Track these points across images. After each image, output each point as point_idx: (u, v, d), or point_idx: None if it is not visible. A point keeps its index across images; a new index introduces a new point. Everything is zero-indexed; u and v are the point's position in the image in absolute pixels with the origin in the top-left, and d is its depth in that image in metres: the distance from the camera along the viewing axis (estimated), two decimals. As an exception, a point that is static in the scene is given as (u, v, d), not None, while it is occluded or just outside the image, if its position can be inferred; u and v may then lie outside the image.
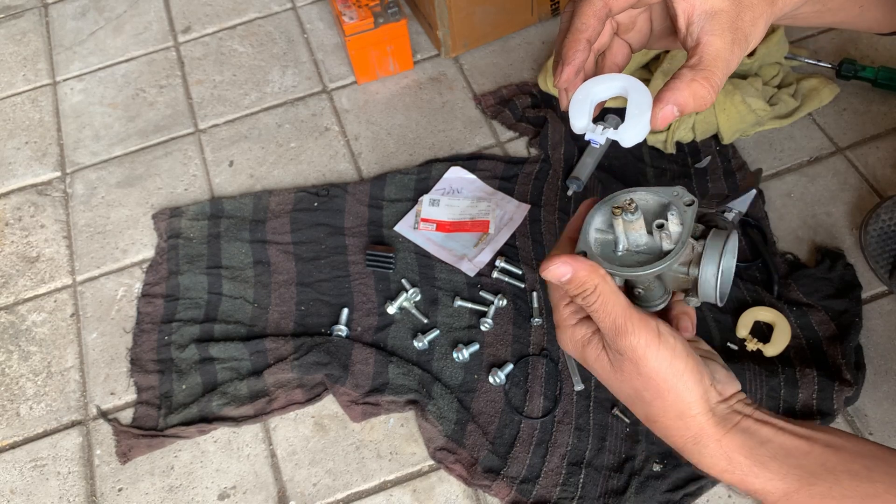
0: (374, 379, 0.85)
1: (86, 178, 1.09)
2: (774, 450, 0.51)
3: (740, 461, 0.51)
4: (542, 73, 1.08)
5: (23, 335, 0.96)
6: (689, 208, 0.52)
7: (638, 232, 0.53)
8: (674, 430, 0.53)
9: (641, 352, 0.51)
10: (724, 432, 0.52)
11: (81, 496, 0.84)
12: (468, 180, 1.01)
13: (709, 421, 0.52)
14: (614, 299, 0.51)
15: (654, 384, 0.52)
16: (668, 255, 0.51)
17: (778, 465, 0.50)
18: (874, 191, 0.96)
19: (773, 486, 0.50)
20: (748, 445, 0.51)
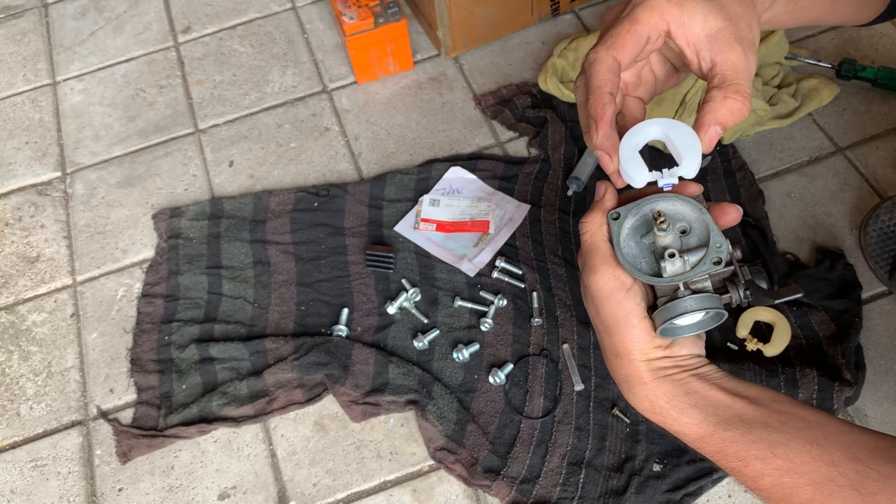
0: (374, 379, 0.85)
1: (86, 178, 1.09)
2: (696, 400, 0.57)
3: (661, 405, 0.58)
4: (542, 73, 1.08)
5: (23, 335, 0.96)
6: (712, 266, 0.55)
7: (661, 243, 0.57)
8: (615, 366, 0.60)
9: (606, 294, 0.57)
10: (652, 378, 0.58)
11: (81, 496, 0.84)
12: (468, 180, 1.01)
13: (641, 367, 0.58)
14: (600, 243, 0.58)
15: (611, 322, 0.58)
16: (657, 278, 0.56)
17: (696, 413, 0.56)
18: (874, 191, 0.96)
19: (689, 429, 0.56)
20: (672, 393, 0.57)
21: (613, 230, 0.58)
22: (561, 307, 0.89)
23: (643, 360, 0.58)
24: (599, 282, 0.57)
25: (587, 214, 0.60)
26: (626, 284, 0.57)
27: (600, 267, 0.57)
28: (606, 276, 0.57)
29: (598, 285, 0.57)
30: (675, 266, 0.55)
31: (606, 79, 0.56)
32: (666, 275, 0.55)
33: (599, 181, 0.61)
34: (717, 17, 0.55)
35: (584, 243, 0.59)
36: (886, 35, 1.11)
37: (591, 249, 0.58)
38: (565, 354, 0.86)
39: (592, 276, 0.57)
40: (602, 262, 0.57)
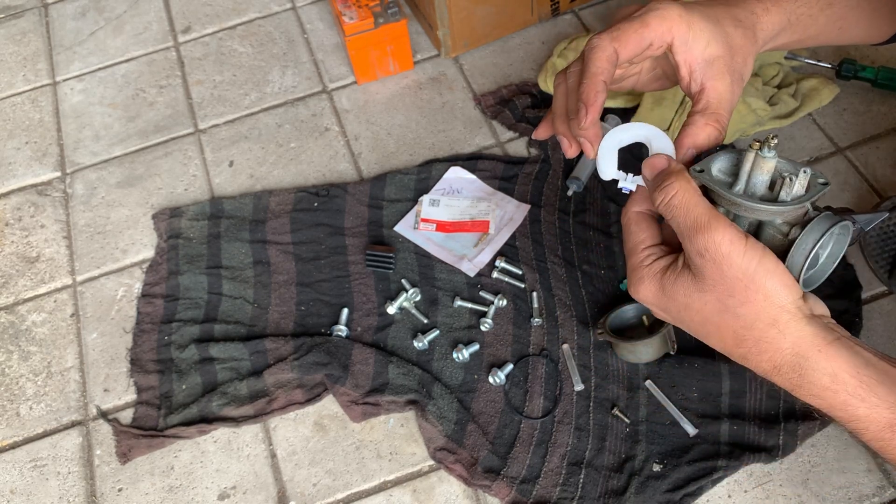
0: (374, 379, 0.85)
1: (86, 178, 1.09)
2: (881, 374, 0.47)
3: (846, 380, 0.47)
4: (542, 73, 1.08)
5: (23, 335, 0.96)
6: (821, 186, 0.53)
7: (763, 176, 0.52)
8: (768, 343, 0.49)
9: (726, 249, 0.49)
10: (826, 343, 0.48)
11: (81, 496, 0.84)
12: (468, 180, 1.01)
13: (806, 328, 0.49)
14: (699, 198, 0.51)
15: (742, 286, 0.49)
16: (783, 204, 0.50)
17: (886, 392, 0.47)
18: (874, 191, 0.96)
19: (878, 413, 0.46)
20: (854, 363, 0.47)
21: (707, 180, 0.53)
22: (561, 307, 0.89)
23: (803, 316, 0.49)
24: (717, 238, 0.49)
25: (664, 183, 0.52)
26: (744, 233, 0.49)
27: (710, 223, 0.49)
28: (723, 230, 0.49)
29: (717, 241, 0.49)
30: (798, 185, 0.51)
31: (603, 67, 0.56)
32: (791, 197, 0.51)
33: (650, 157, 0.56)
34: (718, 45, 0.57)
35: (677, 206, 0.51)
36: (886, 35, 1.11)
37: (690, 207, 0.50)
38: (565, 354, 0.86)
39: (707, 236, 0.49)
40: (712, 216, 0.50)
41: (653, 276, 0.55)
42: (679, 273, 0.53)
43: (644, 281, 0.55)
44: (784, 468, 0.78)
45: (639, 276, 0.56)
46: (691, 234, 0.50)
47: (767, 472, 0.78)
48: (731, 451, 0.78)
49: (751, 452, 0.78)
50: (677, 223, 0.51)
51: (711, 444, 0.79)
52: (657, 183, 0.53)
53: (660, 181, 0.53)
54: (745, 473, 0.78)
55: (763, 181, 0.52)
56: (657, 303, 0.55)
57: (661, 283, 0.54)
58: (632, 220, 0.58)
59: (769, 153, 0.51)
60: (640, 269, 0.56)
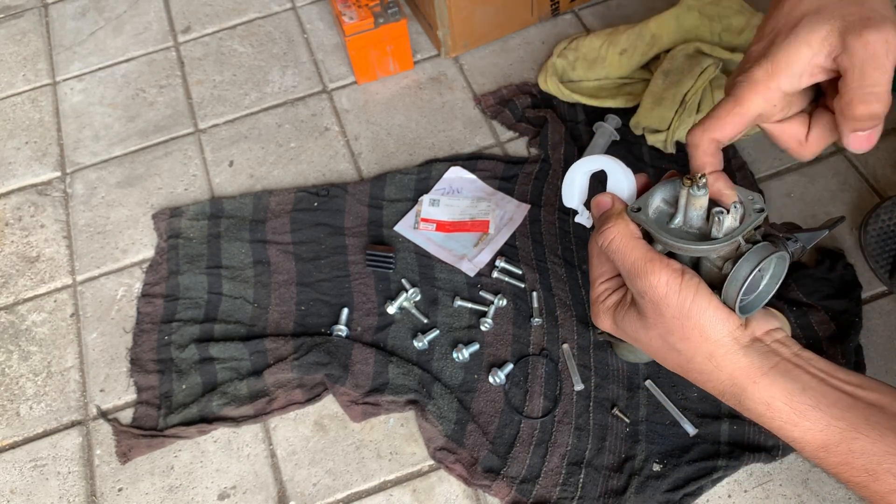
0: (374, 379, 0.85)
1: (86, 178, 1.09)
2: (816, 398, 0.48)
3: (780, 407, 0.49)
4: (542, 73, 1.08)
5: (23, 335, 0.96)
6: (757, 215, 0.53)
7: (698, 211, 0.53)
8: (707, 375, 0.52)
9: (662, 291, 0.51)
10: (761, 374, 0.50)
11: (81, 496, 0.84)
12: (468, 180, 1.01)
13: (742, 360, 0.50)
14: (634, 242, 0.53)
15: (679, 324, 0.51)
16: (713, 241, 0.52)
17: (819, 416, 0.48)
18: (874, 191, 0.96)
19: (812, 436, 0.48)
20: (788, 391, 0.49)
21: (643, 220, 0.54)
22: (561, 307, 0.89)
23: (738, 348, 0.50)
24: (653, 281, 0.51)
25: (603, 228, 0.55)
26: (679, 271, 0.51)
27: (645, 267, 0.51)
28: (658, 272, 0.51)
29: (653, 285, 0.51)
30: (729, 221, 0.51)
31: (705, 162, 0.54)
32: (722, 234, 0.51)
33: (598, 195, 0.59)
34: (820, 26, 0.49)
35: (615, 251, 0.53)
36: (886, 35, 1.11)
37: (626, 252, 0.53)
38: (565, 354, 0.86)
39: (644, 280, 0.51)
40: (647, 259, 0.52)
41: (606, 310, 0.59)
42: (627, 310, 0.56)
43: (600, 315, 0.59)
44: (784, 468, 0.78)
45: (595, 309, 0.60)
46: (630, 277, 0.53)
47: (767, 472, 0.78)
48: (731, 451, 0.78)
49: (751, 452, 0.77)
50: (619, 266, 0.54)
51: (711, 443, 0.79)
52: (598, 225, 0.56)
53: (601, 223, 0.56)
54: (745, 473, 0.78)
55: (699, 215, 0.53)
56: (615, 333, 0.59)
57: (614, 317, 0.58)
58: (593, 254, 0.61)
59: (699, 192, 0.52)
60: (596, 304, 0.60)
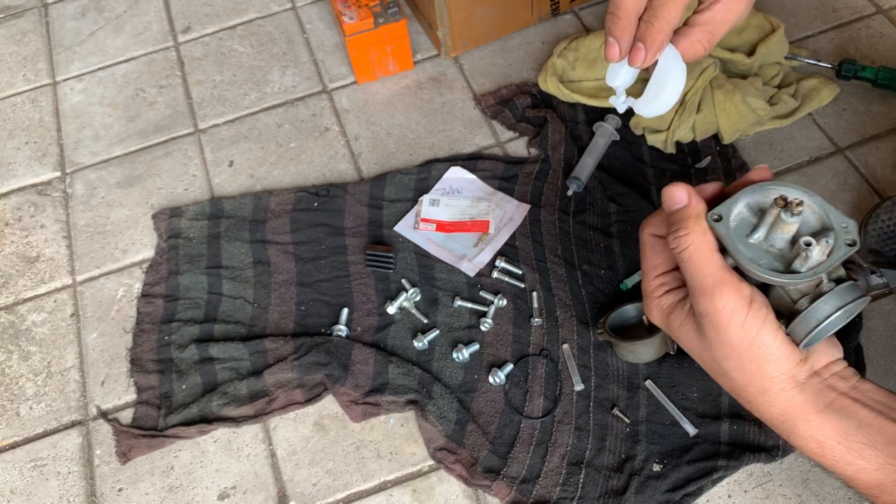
0: (374, 379, 0.85)
1: (86, 178, 1.09)
2: (872, 437, 0.47)
3: (832, 446, 0.47)
4: (542, 73, 1.08)
5: (23, 335, 0.96)
6: (847, 249, 0.49)
7: (784, 235, 0.49)
8: (757, 407, 0.50)
9: (726, 319, 0.48)
10: (815, 411, 0.48)
11: (81, 496, 0.84)
12: (468, 180, 1.01)
13: (796, 398, 0.48)
14: (710, 256, 0.49)
15: (736, 354, 0.49)
16: (795, 275, 0.48)
17: (875, 455, 0.47)
18: (874, 191, 0.96)
19: (866, 476, 0.47)
20: (842, 429, 0.47)
21: (722, 234, 0.50)
22: (561, 307, 0.89)
23: (794, 386, 0.49)
24: (719, 305, 0.48)
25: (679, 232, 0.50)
26: (748, 298, 0.48)
27: (715, 288, 0.48)
28: (726, 296, 0.48)
29: (718, 310, 0.48)
30: (816, 255, 0.47)
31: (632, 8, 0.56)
32: (806, 268, 0.47)
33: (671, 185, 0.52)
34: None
35: (687, 260, 0.50)
36: (886, 35, 1.11)
37: (699, 266, 0.49)
38: (565, 354, 0.86)
39: (710, 302, 0.48)
40: (718, 280, 0.48)
41: (661, 309, 0.56)
42: (685, 319, 0.53)
43: (653, 311, 0.57)
44: (784, 468, 0.78)
45: (649, 304, 0.57)
46: (696, 292, 0.50)
47: (767, 472, 0.78)
48: (731, 451, 0.78)
49: (751, 452, 0.77)
50: (687, 277, 0.50)
51: (711, 444, 0.79)
52: (672, 224, 0.51)
53: (675, 224, 0.51)
54: (745, 473, 0.78)
55: (784, 238, 0.50)
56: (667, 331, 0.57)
57: (668, 320, 0.55)
58: (646, 244, 0.57)
59: (791, 218, 0.48)
60: (650, 298, 0.56)
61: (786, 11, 1.15)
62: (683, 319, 0.53)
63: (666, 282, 0.56)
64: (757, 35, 1.03)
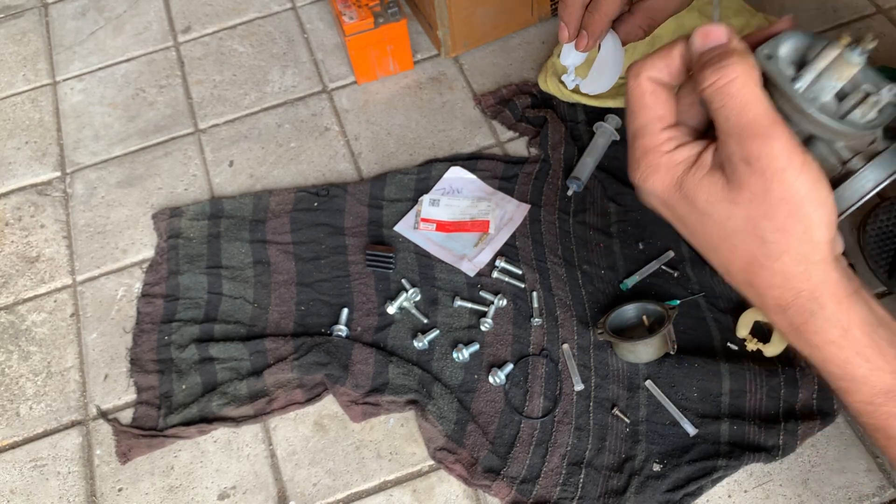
0: (374, 379, 0.85)
1: (86, 178, 1.09)
2: (890, 337, 0.43)
3: (857, 336, 0.43)
4: (542, 73, 1.08)
5: (23, 335, 0.96)
6: (894, 109, 0.44)
7: (836, 82, 0.44)
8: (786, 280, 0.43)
9: (782, 164, 0.41)
10: (845, 294, 0.43)
11: (81, 496, 0.84)
12: (468, 180, 1.01)
13: (832, 274, 0.43)
14: (759, 94, 0.42)
15: (786, 210, 0.41)
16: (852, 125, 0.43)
17: (894, 355, 0.43)
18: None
19: (878, 377, 0.43)
20: (869, 322, 0.43)
21: (775, 72, 0.43)
22: (561, 307, 0.89)
23: (831, 259, 0.43)
24: (776, 148, 0.41)
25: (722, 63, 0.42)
26: (802, 147, 0.42)
27: (771, 129, 0.41)
28: (783, 139, 0.41)
29: (774, 153, 0.41)
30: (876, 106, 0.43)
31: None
32: (865, 120, 0.43)
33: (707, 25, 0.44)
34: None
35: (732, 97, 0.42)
36: (886, 35, 1.11)
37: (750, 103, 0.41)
38: (565, 354, 0.86)
39: (763, 144, 0.41)
40: (773, 120, 0.41)
41: (672, 166, 0.45)
42: (708, 173, 0.44)
43: (660, 170, 0.45)
44: (784, 468, 0.78)
45: (653, 162, 0.46)
46: (744, 135, 0.41)
47: (767, 472, 0.78)
48: (731, 450, 0.78)
49: (751, 452, 0.77)
50: (727, 116, 0.42)
51: (711, 443, 0.79)
52: (712, 59, 0.43)
53: (716, 58, 0.42)
54: (745, 473, 0.78)
55: (833, 87, 0.44)
56: (667, 199, 0.46)
57: (682, 179, 0.45)
58: (646, 90, 0.46)
59: (858, 57, 0.43)
60: (655, 154, 0.46)
61: (786, 11, 1.15)
62: (706, 175, 0.44)
63: (675, 135, 0.46)
64: (757, 35, 1.03)
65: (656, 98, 0.47)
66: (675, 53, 0.46)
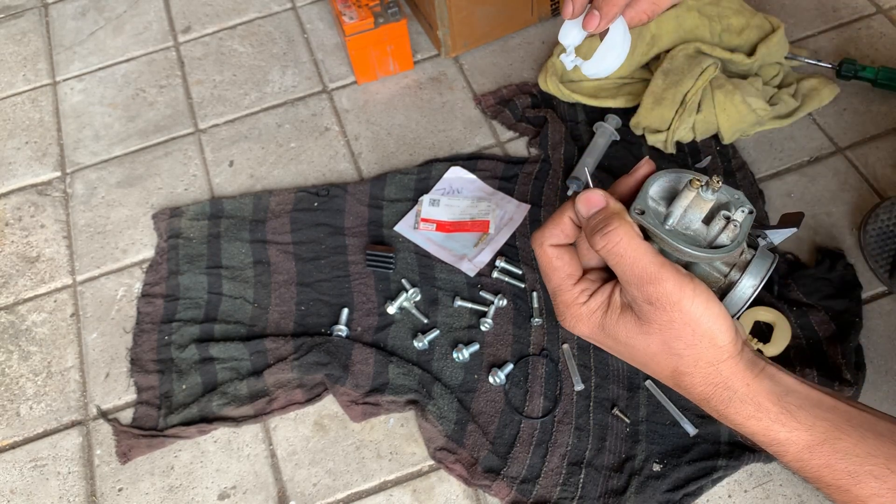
0: (374, 379, 0.85)
1: (86, 178, 1.09)
2: (801, 399, 0.50)
3: (768, 407, 0.50)
4: (542, 73, 1.08)
5: (23, 335, 0.96)
6: (748, 216, 0.52)
7: (698, 213, 0.52)
8: (702, 379, 0.51)
9: (676, 297, 0.49)
10: (752, 376, 0.51)
11: (81, 496, 0.84)
12: (468, 180, 1.01)
13: (738, 365, 0.51)
14: (643, 247, 0.50)
15: (689, 331, 0.50)
16: (722, 248, 0.50)
17: (805, 415, 0.49)
18: (874, 191, 0.96)
19: (797, 436, 0.49)
20: (776, 392, 0.50)
21: (650, 225, 0.51)
22: (561, 307, 0.89)
23: (736, 353, 0.51)
24: (668, 287, 0.49)
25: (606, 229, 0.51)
26: (689, 277, 0.50)
27: (660, 273, 0.49)
28: (671, 278, 0.49)
29: (668, 291, 0.49)
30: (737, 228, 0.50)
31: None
32: (729, 240, 0.50)
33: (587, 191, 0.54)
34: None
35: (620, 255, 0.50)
36: (886, 35, 1.11)
37: (636, 257, 0.50)
38: (565, 354, 0.86)
39: (656, 287, 0.49)
40: (659, 265, 0.49)
41: (590, 314, 0.55)
42: (620, 314, 0.53)
43: (582, 319, 0.55)
44: (784, 468, 0.78)
45: (575, 314, 0.55)
46: (640, 283, 0.50)
47: (767, 472, 0.78)
48: (731, 450, 0.78)
49: (751, 452, 0.78)
50: (622, 270, 0.51)
51: (711, 443, 0.79)
52: (597, 225, 0.52)
53: (600, 224, 0.52)
54: (745, 473, 0.78)
55: (698, 217, 0.52)
56: (595, 338, 0.56)
57: (602, 322, 0.54)
58: (552, 256, 0.56)
59: (711, 196, 0.51)
60: (574, 307, 0.55)
61: (786, 11, 1.15)
62: (619, 315, 0.53)
63: (586, 287, 0.55)
64: (757, 35, 1.03)
65: (562, 261, 0.56)
66: (566, 220, 0.55)
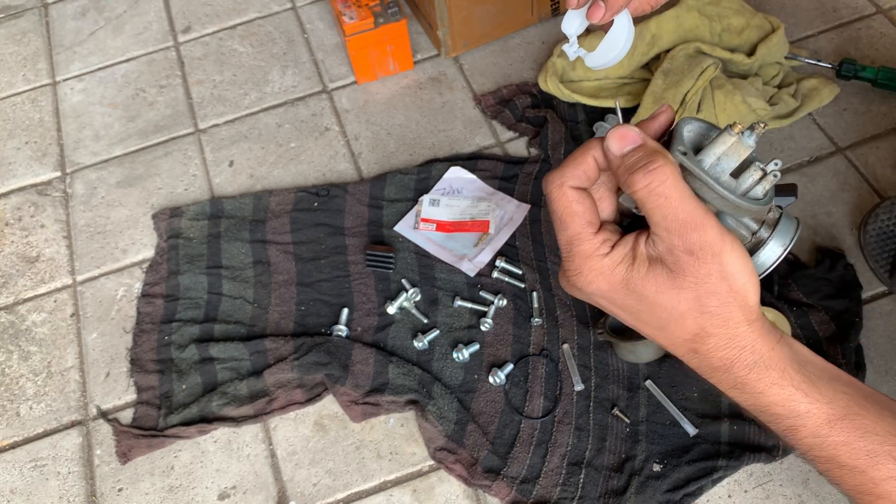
0: (374, 379, 0.85)
1: (86, 178, 1.09)
2: (819, 370, 0.47)
3: (792, 374, 0.47)
4: (542, 73, 1.08)
5: (23, 335, 0.96)
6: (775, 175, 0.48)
7: (733, 162, 0.48)
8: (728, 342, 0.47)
9: (718, 248, 0.45)
10: (775, 342, 0.48)
11: (81, 496, 0.84)
12: (468, 180, 1.01)
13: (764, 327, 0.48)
14: (688, 190, 0.46)
15: (725, 287, 0.46)
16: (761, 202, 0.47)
17: (825, 387, 0.47)
18: (874, 191, 0.96)
19: (818, 409, 0.46)
20: (796, 360, 0.47)
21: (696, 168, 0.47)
22: (561, 307, 0.89)
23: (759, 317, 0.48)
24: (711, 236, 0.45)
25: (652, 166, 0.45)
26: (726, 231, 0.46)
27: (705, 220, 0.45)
28: (714, 229, 0.45)
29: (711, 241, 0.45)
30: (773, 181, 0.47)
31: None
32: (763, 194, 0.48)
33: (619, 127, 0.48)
34: None
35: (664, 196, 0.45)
36: (886, 35, 1.11)
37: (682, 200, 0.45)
38: (565, 354, 0.86)
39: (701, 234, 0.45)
40: (704, 211, 0.45)
41: (613, 267, 0.48)
42: (650, 267, 0.47)
43: (604, 273, 0.49)
44: (784, 468, 0.78)
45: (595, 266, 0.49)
46: (683, 230, 0.45)
47: (767, 472, 0.78)
48: (731, 451, 0.78)
49: (751, 452, 0.78)
50: (664, 215, 0.45)
51: (711, 444, 0.79)
52: (637, 162, 0.46)
53: (641, 160, 0.46)
54: (745, 473, 0.78)
55: (730, 167, 0.48)
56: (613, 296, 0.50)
57: (626, 276, 0.48)
58: (573, 199, 0.49)
59: (753, 142, 0.47)
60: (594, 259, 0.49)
61: (786, 11, 1.15)
62: (648, 267, 0.47)
63: (607, 237, 0.49)
64: (757, 35, 1.03)
65: (583, 206, 0.49)
66: (590, 160, 0.49)
